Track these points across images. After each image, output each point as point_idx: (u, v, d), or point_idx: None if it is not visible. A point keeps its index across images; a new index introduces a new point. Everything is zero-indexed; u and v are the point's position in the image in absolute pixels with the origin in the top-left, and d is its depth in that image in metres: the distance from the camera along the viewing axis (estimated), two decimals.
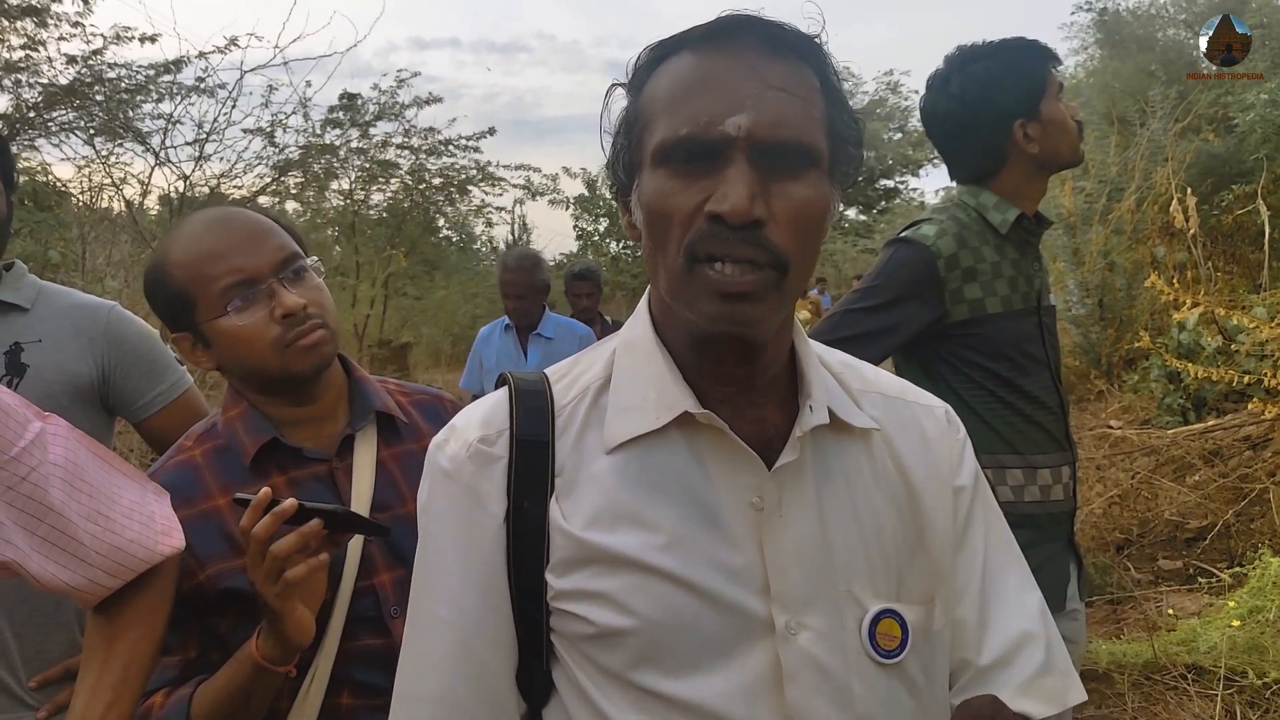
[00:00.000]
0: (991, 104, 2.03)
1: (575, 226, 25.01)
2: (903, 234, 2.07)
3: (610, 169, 0.99)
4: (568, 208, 24.44)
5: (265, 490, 1.24)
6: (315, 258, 1.50)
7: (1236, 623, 3.60)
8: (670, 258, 0.88)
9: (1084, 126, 2.17)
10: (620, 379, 0.98)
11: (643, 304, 1.02)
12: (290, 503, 1.23)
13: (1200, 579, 4.40)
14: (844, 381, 1.03)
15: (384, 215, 14.33)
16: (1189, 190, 7.50)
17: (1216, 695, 3.26)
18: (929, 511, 1.00)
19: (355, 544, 1.41)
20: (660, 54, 0.93)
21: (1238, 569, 4.26)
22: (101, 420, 1.86)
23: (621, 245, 23.64)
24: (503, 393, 1.01)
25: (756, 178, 0.84)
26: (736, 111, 0.85)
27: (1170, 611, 4.09)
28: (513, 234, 22.98)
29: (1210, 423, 5.84)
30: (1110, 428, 6.40)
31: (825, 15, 0.93)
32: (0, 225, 1.77)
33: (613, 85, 0.98)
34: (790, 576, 0.91)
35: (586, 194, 24.11)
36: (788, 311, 0.93)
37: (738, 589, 0.91)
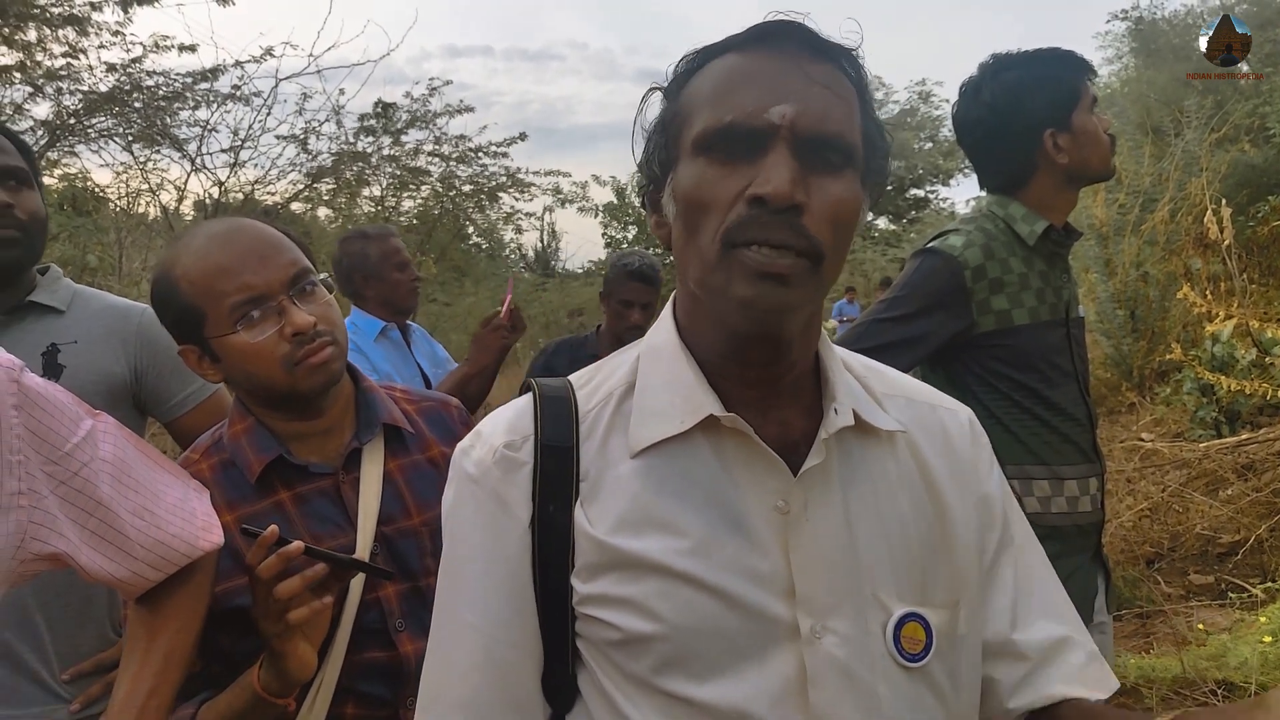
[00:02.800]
0: (1022, 112, 2.03)
1: (604, 234, 25.07)
2: (930, 244, 2.06)
3: (643, 167, 0.99)
4: (596, 215, 24.51)
5: (272, 528, 1.24)
6: (326, 274, 1.50)
7: (1268, 638, 3.54)
8: (705, 244, 0.88)
9: (1117, 140, 2.15)
10: (644, 384, 0.99)
11: (667, 310, 1.03)
12: (297, 545, 1.24)
13: (1232, 594, 4.33)
14: (868, 385, 1.03)
15: (414, 222, 14.41)
16: (1224, 201, 7.40)
17: None
18: (953, 516, 1.00)
19: (362, 556, 1.41)
20: (703, 58, 0.94)
21: (1270, 584, 4.20)
22: (134, 420, 1.90)
23: (650, 253, 23.65)
24: (527, 399, 1.02)
25: (798, 166, 0.85)
26: (781, 101, 0.86)
27: (1200, 626, 4.04)
28: (542, 241, 23.09)
29: (1244, 436, 5.75)
30: (1142, 440, 6.31)
31: (860, 27, 0.94)
32: (39, 226, 1.82)
33: (650, 89, 0.98)
34: (816, 581, 0.91)
35: (615, 202, 24.15)
36: (817, 306, 0.94)
37: (763, 593, 0.91)
